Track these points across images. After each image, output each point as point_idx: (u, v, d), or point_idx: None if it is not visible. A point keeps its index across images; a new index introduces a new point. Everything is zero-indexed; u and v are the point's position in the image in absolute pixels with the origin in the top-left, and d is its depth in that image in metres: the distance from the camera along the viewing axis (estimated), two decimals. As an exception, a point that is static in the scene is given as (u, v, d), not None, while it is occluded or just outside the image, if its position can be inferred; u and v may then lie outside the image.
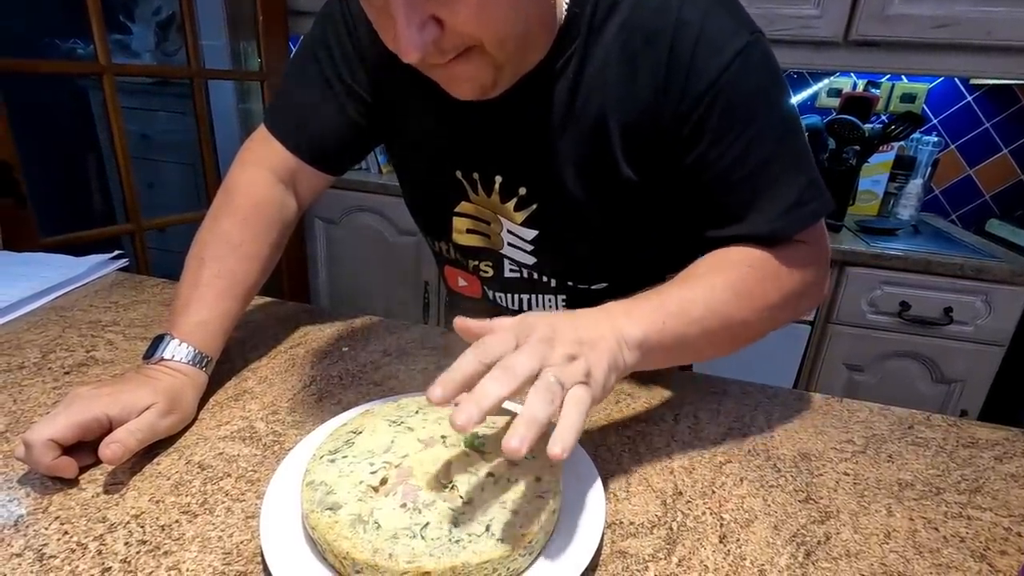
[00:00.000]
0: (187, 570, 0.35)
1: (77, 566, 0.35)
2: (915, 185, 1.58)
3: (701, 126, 0.47)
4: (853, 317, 1.37)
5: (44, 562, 0.35)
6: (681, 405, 0.57)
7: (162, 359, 0.48)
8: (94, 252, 0.81)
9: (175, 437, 0.47)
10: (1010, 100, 1.61)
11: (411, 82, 0.53)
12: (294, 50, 0.63)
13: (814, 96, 1.75)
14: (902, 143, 1.59)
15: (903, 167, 1.61)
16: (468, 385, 0.32)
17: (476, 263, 0.66)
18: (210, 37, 1.42)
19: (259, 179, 0.59)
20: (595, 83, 0.49)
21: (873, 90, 1.66)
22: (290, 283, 1.77)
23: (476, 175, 0.57)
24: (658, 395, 0.58)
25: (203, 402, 0.51)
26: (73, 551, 0.36)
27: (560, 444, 0.31)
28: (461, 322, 0.38)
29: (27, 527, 0.38)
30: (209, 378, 0.52)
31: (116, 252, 0.82)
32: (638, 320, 0.41)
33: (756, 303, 0.48)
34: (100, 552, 0.36)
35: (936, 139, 1.60)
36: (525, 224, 0.58)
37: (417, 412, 0.45)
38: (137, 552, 0.36)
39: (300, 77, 0.60)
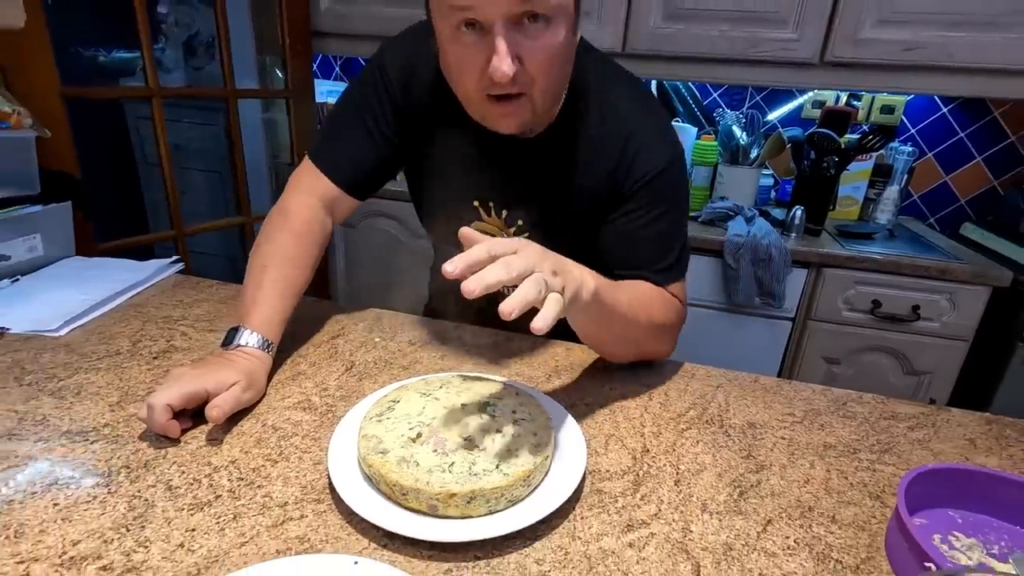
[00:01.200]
0: (276, 497, 0.48)
1: (197, 494, 0.48)
2: (892, 191, 1.69)
3: (627, 201, 0.69)
4: (830, 314, 1.49)
5: (172, 491, 0.48)
6: (655, 385, 0.70)
7: (238, 346, 0.61)
8: (140, 256, 0.95)
9: (251, 408, 0.60)
10: (983, 111, 1.72)
11: (442, 131, 0.72)
12: (341, 94, 0.77)
13: (799, 108, 1.86)
14: (881, 152, 1.71)
15: (881, 174, 1.72)
16: (475, 268, 0.43)
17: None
18: (238, 53, 1.54)
19: (309, 204, 0.73)
20: (576, 158, 0.70)
21: (855, 103, 1.78)
22: (312, 282, 1.90)
23: (491, 203, 0.75)
24: (636, 378, 0.71)
25: (268, 382, 0.64)
26: (191, 484, 0.49)
27: (541, 322, 0.44)
28: (466, 231, 0.49)
29: (154, 468, 0.50)
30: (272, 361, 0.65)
31: (175, 257, 0.95)
32: (594, 280, 0.55)
33: (650, 317, 0.67)
34: (211, 485, 0.49)
35: (911, 148, 1.71)
36: None
37: (441, 387, 0.58)
38: (238, 485, 0.49)
39: (344, 122, 0.74)
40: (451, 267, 0.43)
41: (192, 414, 0.56)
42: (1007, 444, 0.63)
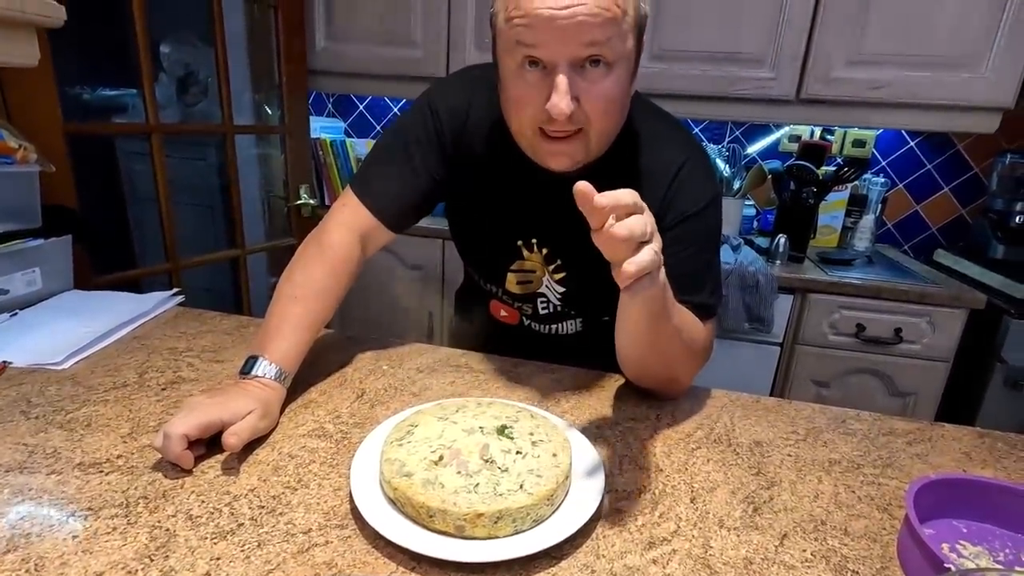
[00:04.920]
0: (299, 524, 0.48)
1: (219, 522, 0.47)
2: (868, 220, 1.77)
3: (664, 235, 0.67)
4: (816, 338, 1.53)
5: (193, 520, 0.47)
6: (662, 407, 0.71)
7: (256, 376, 0.61)
8: (127, 290, 0.95)
9: (265, 437, 0.60)
10: (947, 145, 1.83)
11: (489, 172, 0.74)
12: (385, 130, 0.78)
13: (777, 142, 1.95)
14: (855, 183, 1.79)
15: (857, 204, 1.80)
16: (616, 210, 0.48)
17: (520, 304, 0.84)
18: (234, 91, 1.57)
19: (347, 239, 0.73)
20: None
21: (828, 136, 1.87)
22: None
23: (534, 240, 0.76)
24: (643, 401, 0.72)
25: (280, 410, 0.64)
26: (212, 513, 0.48)
27: (634, 266, 0.47)
28: (583, 185, 0.46)
29: (173, 498, 0.50)
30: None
31: (175, 290, 0.95)
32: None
33: (691, 338, 0.67)
34: (232, 513, 0.49)
35: (883, 180, 1.80)
36: (558, 283, 0.78)
37: (457, 411, 0.58)
38: (259, 513, 0.49)
39: (389, 156, 0.76)
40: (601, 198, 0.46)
41: (207, 443, 0.56)
42: (1000, 456, 0.66)
